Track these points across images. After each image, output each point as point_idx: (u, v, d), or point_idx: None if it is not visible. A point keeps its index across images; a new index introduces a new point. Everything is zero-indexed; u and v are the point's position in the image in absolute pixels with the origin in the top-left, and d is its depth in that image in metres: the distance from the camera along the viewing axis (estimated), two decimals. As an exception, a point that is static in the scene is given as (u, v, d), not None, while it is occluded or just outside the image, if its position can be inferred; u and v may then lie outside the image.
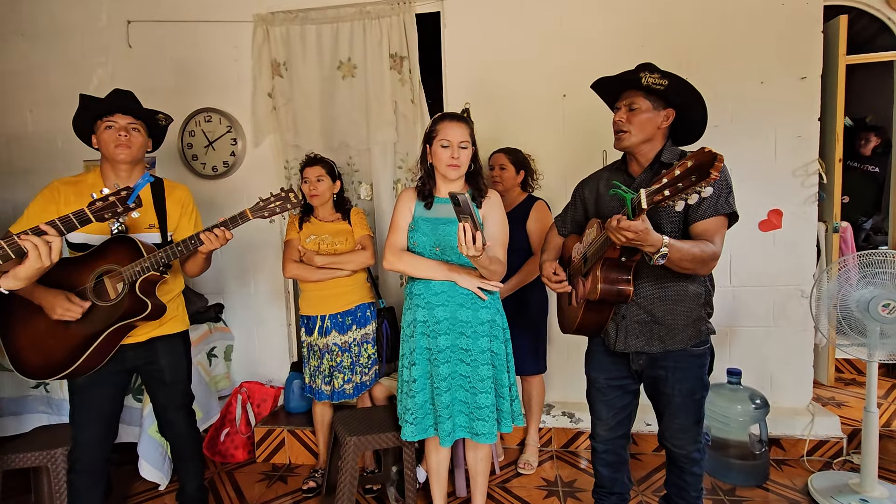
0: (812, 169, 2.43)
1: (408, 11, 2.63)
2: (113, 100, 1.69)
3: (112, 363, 1.67)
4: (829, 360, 2.80)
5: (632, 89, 1.49)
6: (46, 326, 1.57)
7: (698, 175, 1.09)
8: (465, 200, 1.42)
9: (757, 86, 2.42)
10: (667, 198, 1.14)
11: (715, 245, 1.38)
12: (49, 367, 1.58)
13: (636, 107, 1.48)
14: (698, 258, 1.35)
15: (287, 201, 1.64)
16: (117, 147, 1.65)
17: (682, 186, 1.11)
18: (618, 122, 1.52)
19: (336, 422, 2.08)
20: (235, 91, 2.86)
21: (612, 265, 1.43)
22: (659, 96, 1.46)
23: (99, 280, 1.60)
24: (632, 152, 1.54)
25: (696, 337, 1.52)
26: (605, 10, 2.52)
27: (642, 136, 1.48)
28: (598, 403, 1.68)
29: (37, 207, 1.64)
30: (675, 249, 1.29)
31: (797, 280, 2.47)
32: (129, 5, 2.91)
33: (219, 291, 2.96)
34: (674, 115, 1.49)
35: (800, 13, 2.38)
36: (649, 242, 1.26)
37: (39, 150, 3.07)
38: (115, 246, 1.60)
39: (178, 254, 1.60)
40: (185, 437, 1.90)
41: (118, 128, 1.66)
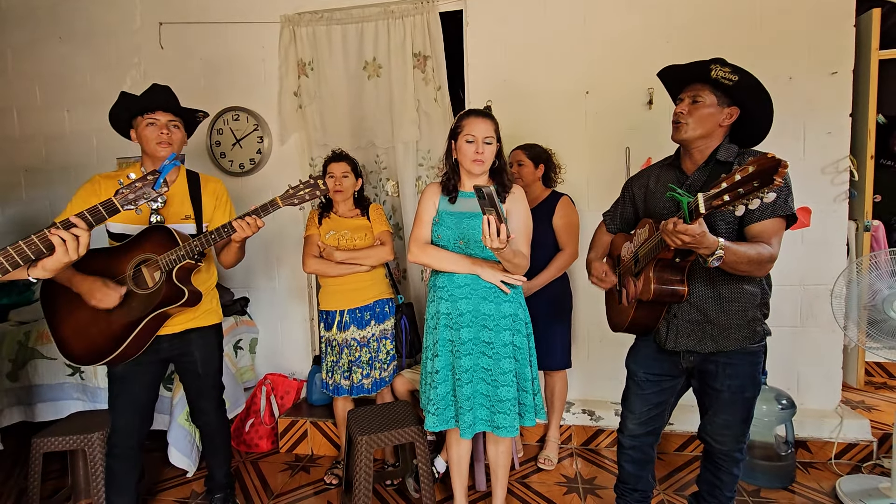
0: (842, 166, 2.37)
1: (431, 10, 2.66)
2: (153, 97, 1.75)
3: (149, 353, 1.74)
4: (859, 362, 2.74)
5: (698, 82, 1.46)
6: (89, 315, 1.64)
7: (761, 181, 1.07)
8: (489, 193, 1.44)
9: (786, 81, 2.38)
10: (726, 203, 1.13)
11: (772, 247, 1.36)
12: (92, 354, 1.66)
13: (700, 100, 1.45)
14: (755, 260, 1.33)
15: (316, 188, 1.67)
16: (159, 144, 1.72)
17: (744, 192, 1.10)
18: (678, 114, 1.48)
19: (349, 420, 2.12)
20: (262, 90, 2.93)
21: (666, 266, 1.42)
22: (725, 92, 1.43)
23: (137, 269, 1.67)
24: (687, 146, 1.51)
25: (751, 338, 1.49)
26: (630, 6, 2.50)
27: (701, 130, 1.45)
28: (633, 396, 1.67)
29: (79, 201, 1.72)
30: (730, 252, 1.28)
31: (826, 279, 2.41)
32: (160, 7, 3.01)
33: (245, 286, 3.03)
34: (738, 113, 1.45)
35: (830, 6, 2.33)
36: (705, 245, 1.24)
37: (75, 149, 3.19)
38: (152, 235, 1.67)
39: (211, 241, 1.65)
40: (214, 425, 1.97)
41: (160, 125, 1.72)
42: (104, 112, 3.09)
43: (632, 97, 2.53)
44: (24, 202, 3.29)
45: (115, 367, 1.76)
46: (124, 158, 3.15)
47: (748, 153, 1.46)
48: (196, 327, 1.85)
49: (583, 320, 2.63)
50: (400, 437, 1.98)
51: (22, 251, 1.21)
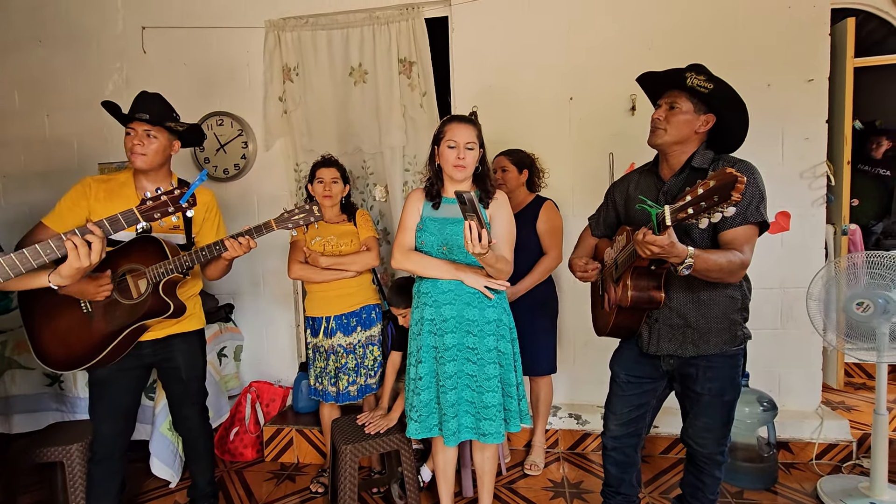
0: (820, 171, 2.42)
1: (417, 16, 2.67)
2: (133, 107, 1.73)
3: (131, 359, 1.72)
4: (839, 363, 2.79)
5: (676, 89, 1.49)
6: (69, 322, 1.62)
7: (720, 196, 1.10)
8: (470, 199, 1.45)
9: (764, 88, 2.43)
10: (690, 216, 1.16)
11: (743, 254, 1.38)
12: (71, 360, 1.64)
13: (677, 106, 1.47)
14: (725, 268, 1.36)
15: (311, 214, 1.66)
16: (132, 154, 1.70)
17: (706, 206, 1.13)
18: (655, 119, 1.51)
19: (333, 429, 2.10)
20: (247, 95, 2.91)
21: (642, 273, 1.45)
22: (702, 100, 1.46)
23: (122, 278, 1.64)
24: (664, 152, 1.54)
25: (731, 342, 1.51)
26: (612, 14, 2.54)
27: (677, 136, 1.48)
28: (615, 398, 1.69)
29: (68, 202, 1.70)
30: (700, 260, 1.30)
31: (805, 282, 2.43)
32: (144, 12, 2.98)
33: (229, 292, 3.00)
34: (713, 120, 1.48)
35: (806, 16, 2.39)
36: (674, 255, 1.27)
37: (56, 154, 3.14)
38: (139, 245, 1.65)
39: (202, 258, 1.64)
40: (197, 431, 1.95)
41: (134, 135, 1.70)
42: (86, 117, 3.09)
43: (615, 103, 2.56)
44: (2, 208, 3.23)
45: (98, 372, 1.73)
46: (106, 163, 3.11)
47: (723, 159, 1.49)
48: (179, 333, 1.83)
49: (569, 324, 2.65)
50: (384, 445, 1.97)
51: (37, 253, 1.24)
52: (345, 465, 1.94)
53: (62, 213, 1.67)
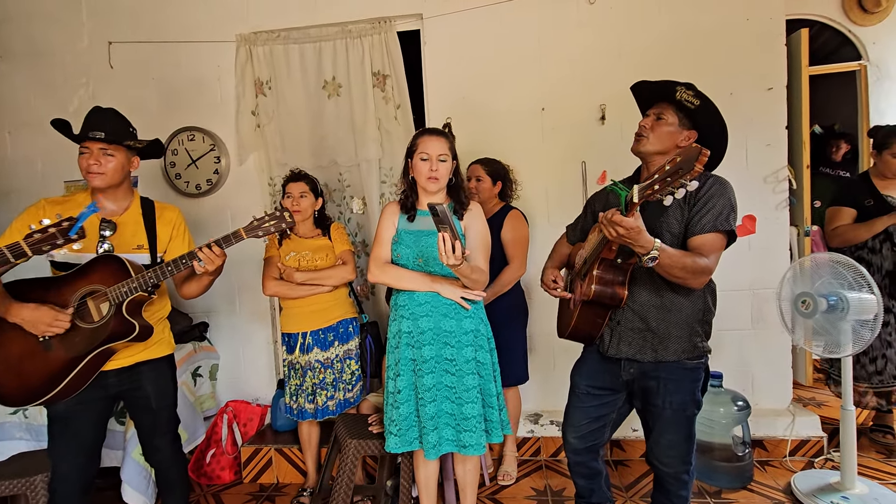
0: (782, 175, 2.52)
1: (389, 30, 2.69)
2: (86, 124, 1.66)
3: (95, 389, 1.63)
4: (807, 360, 2.87)
5: (665, 101, 1.54)
6: (22, 349, 1.53)
7: (684, 167, 1.13)
8: (443, 211, 1.46)
9: (727, 97, 2.51)
10: (655, 191, 1.19)
11: (709, 260, 1.42)
12: (25, 394, 1.54)
13: (663, 118, 1.52)
14: (689, 268, 1.39)
15: (282, 220, 1.61)
16: (89, 174, 1.64)
17: (670, 181, 1.16)
18: (641, 127, 1.56)
19: (338, 424, 2.06)
20: (219, 110, 2.87)
21: (608, 266, 1.46)
22: (687, 115, 1.51)
23: (82, 301, 1.57)
24: (645, 160, 1.59)
25: (690, 351, 1.53)
26: (582, 26, 2.60)
27: (659, 146, 1.52)
28: (573, 409, 1.70)
29: (19, 224, 1.63)
30: (665, 255, 1.34)
31: (772, 283, 2.52)
32: (110, 27, 2.92)
33: (204, 310, 2.93)
34: (695, 137, 1.53)
35: (764, 27, 2.49)
36: (640, 243, 1.30)
37: (18, 173, 3.05)
38: (101, 265, 1.58)
39: (167, 274, 1.58)
40: (170, 462, 1.84)
41: (89, 154, 1.64)
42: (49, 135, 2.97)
43: (586, 114, 2.62)
44: (-39, 230, 3.10)
45: (56, 406, 1.63)
46: (72, 181, 3.02)
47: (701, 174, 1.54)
48: (147, 360, 1.75)
49: (547, 331, 2.66)
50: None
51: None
52: (347, 458, 1.91)
53: (13, 237, 1.58)
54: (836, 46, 3.62)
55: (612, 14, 2.59)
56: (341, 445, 2.00)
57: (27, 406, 1.60)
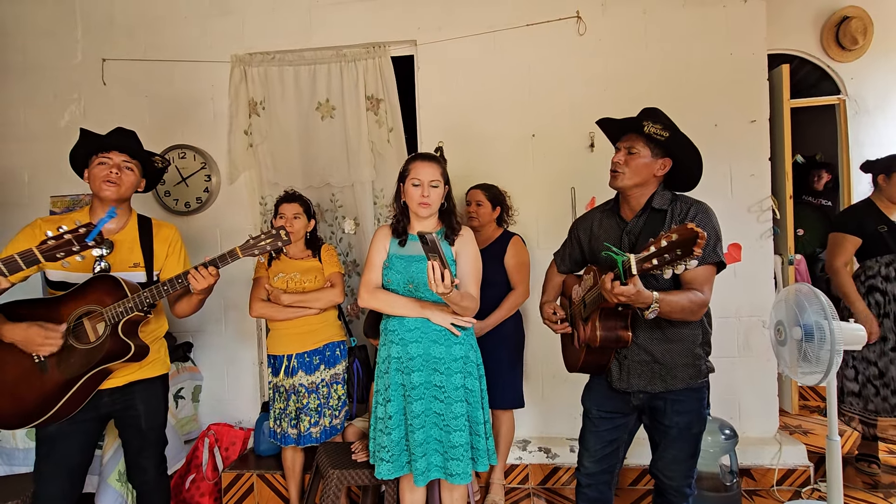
0: (766, 205, 2.57)
1: (383, 55, 2.73)
2: (112, 137, 1.68)
3: (87, 409, 1.60)
4: (793, 388, 2.90)
5: (634, 133, 1.55)
6: (17, 372, 1.51)
7: (683, 250, 1.17)
8: (432, 239, 1.46)
9: (711, 128, 2.58)
10: (655, 266, 1.22)
11: (703, 294, 1.45)
12: (19, 417, 1.51)
13: (635, 151, 1.53)
14: (687, 309, 1.43)
15: (278, 238, 1.61)
16: (104, 183, 1.63)
17: (669, 259, 1.19)
18: (615, 163, 1.57)
19: (320, 453, 2.02)
20: (210, 128, 2.88)
21: (610, 314, 1.49)
22: (658, 145, 1.53)
23: (78, 321, 1.55)
24: (624, 194, 1.60)
25: (697, 376, 1.56)
26: (571, 56, 2.67)
27: (637, 179, 1.54)
28: (588, 434, 1.70)
29: (16, 245, 1.60)
30: (665, 303, 1.37)
31: (758, 311, 2.57)
32: (104, 43, 2.93)
33: (188, 329, 2.88)
34: (671, 164, 1.55)
35: (747, 62, 2.58)
36: (640, 301, 1.33)
37: (5, 186, 3.00)
38: (97, 285, 1.56)
39: (163, 293, 1.56)
40: (153, 485, 1.80)
41: (111, 164, 1.64)
42: (38, 149, 2.99)
43: (575, 140, 2.66)
44: (-59, 243, 3.03)
45: (46, 428, 1.60)
46: (58, 196, 2.99)
47: (681, 200, 1.57)
48: (141, 379, 1.72)
49: (537, 358, 2.66)
50: (372, 476, 1.89)
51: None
52: (330, 490, 1.87)
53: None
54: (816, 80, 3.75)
55: (601, 45, 2.66)
56: (323, 475, 1.95)
57: (22, 428, 1.56)
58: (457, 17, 2.72)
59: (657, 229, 1.53)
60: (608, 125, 1.67)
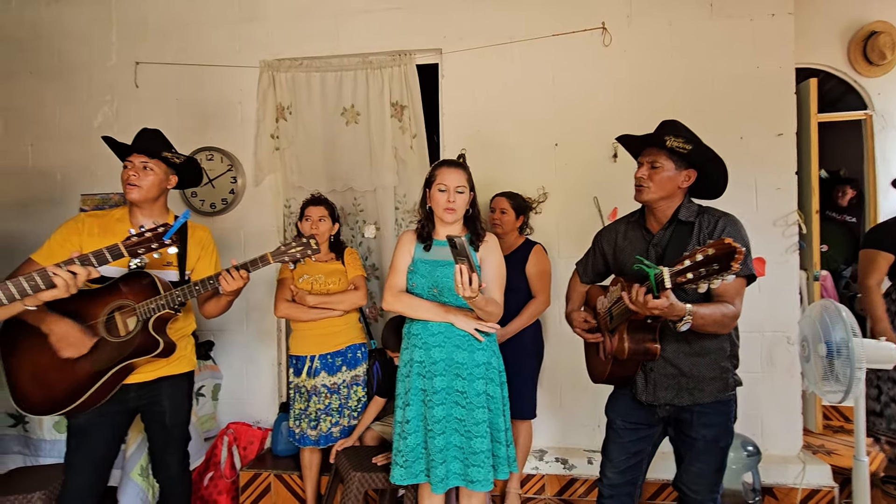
0: (792, 219, 2.54)
1: (409, 63, 2.77)
2: (134, 142, 1.74)
3: (115, 403, 1.65)
4: (817, 406, 2.84)
5: (655, 147, 1.55)
6: (50, 361, 1.55)
7: (720, 266, 1.15)
8: (461, 243, 1.48)
9: (737, 141, 2.57)
10: (690, 280, 1.20)
11: (735, 306, 1.44)
12: (49, 403, 1.56)
13: (658, 165, 1.52)
14: (720, 322, 1.41)
15: (308, 247, 1.64)
16: (126, 185, 1.69)
17: (705, 273, 1.17)
18: (639, 178, 1.56)
19: (339, 456, 2.04)
20: (238, 132, 2.94)
21: (638, 326, 1.48)
22: (681, 157, 1.52)
23: (111, 315, 1.60)
24: (650, 207, 1.59)
25: (724, 390, 1.54)
26: (596, 67, 2.68)
27: (662, 192, 1.53)
28: (612, 444, 1.68)
29: (59, 237, 1.66)
30: (697, 317, 1.35)
31: (782, 327, 2.53)
32: (138, 47, 3.02)
33: (210, 328, 2.92)
34: (695, 175, 1.54)
35: (774, 76, 2.56)
36: (673, 314, 1.32)
37: (38, 184, 3.09)
38: (132, 281, 1.61)
39: (195, 293, 1.61)
40: (176, 480, 1.85)
41: (131, 168, 1.70)
42: (70, 147, 3.08)
43: (598, 150, 2.66)
44: (-24, 237, 3.13)
45: (77, 418, 1.65)
46: (88, 195, 3.07)
47: (707, 212, 1.56)
48: (167, 375, 1.76)
49: (556, 367, 2.64)
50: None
51: (21, 286, 1.28)
52: (351, 492, 1.89)
53: (52, 249, 1.63)
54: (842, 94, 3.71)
55: (626, 56, 2.66)
56: (343, 478, 1.96)
57: (51, 416, 1.62)
58: (482, 26, 2.75)
59: (684, 241, 1.52)
60: (628, 141, 1.67)
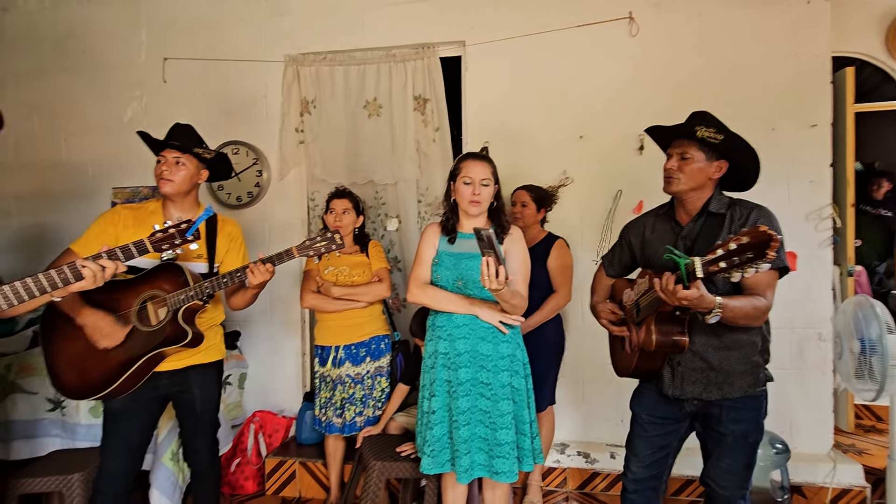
0: (825, 213, 2.47)
1: (432, 56, 2.76)
2: (167, 137, 1.79)
3: (148, 389, 1.71)
4: (849, 405, 2.76)
5: (685, 137, 1.52)
6: (85, 348, 1.61)
7: (755, 254, 1.12)
8: (488, 236, 1.47)
9: (769, 132, 2.50)
10: (723, 269, 1.17)
11: (766, 299, 1.40)
12: (85, 388, 1.63)
13: (688, 156, 1.49)
14: (751, 315, 1.38)
15: (332, 242, 1.67)
16: (159, 180, 1.74)
17: (739, 262, 1.14)
18: (668, 169, 1.54)
19: (363, 445, 2.08)
20: (263, 125, 2.98)
21: (667, 318, 1.45)
22: (712, 148, 1.49)
23: (143, 305, 1.65)
24: (680, 198, 1.56)
25: (755, 385, 1.51)
26: (621, 59, 2.63)
27: (692, 184, 1.50)
28: (637, 438, 1.67)
29: (97, 228, 1.73)
30: (728, 309, 1.32)
31: (814, 323, 2.47)
32: (166, 43, 3.08)
33: (237, 319, 2.98)
34: (727, 166, 1.51)
35: (809, 65, 2.48)
36: (703, 306, 1.29)
37: (71, 178, 3.19)
38: (163, 272, 1.66)
39: (222, 285, 1.66)
40: (207, 464, 1.92)
41: (163, 163, 1.75)
42: (102, 142, 3.16)
43: (624, 143, 2.62)
44: (13, 230, 3.25)
45: (112, 403, 1.72)
46: (119, 188, 3.15)
47: (739, 203, 1.53)
48: (197, 364, 1.82)
49: (577, 361, 2.63)
50: (414, 470, 1.93)
51: (52, 278, 1.31)
52: (372, 480, 1.92)
53: (89, 240, 1.69)
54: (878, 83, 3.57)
55: (654, 46, 2.61)
56: (366, 466, 1.99)
57: (86, 400, 1.69)
58: (506, 17, 2.73)
59: (715, 234, 1.49)
60: (657, 132, 1.64)
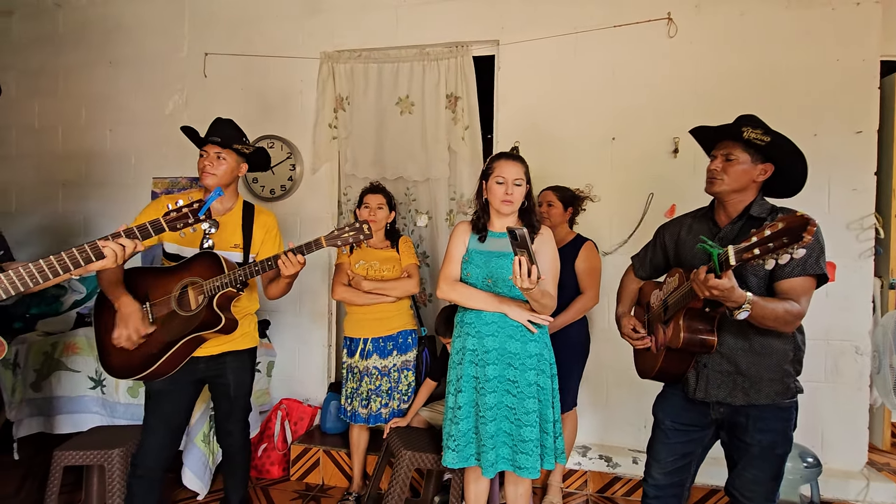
0: (868, 223, 2.39)
1: (465, 54, 2.78)
2: (209, 131, 1.86)
3: (186, 373, 1.79)
4: (885, 422, 2.67)
5: (730, 139, 1.50)
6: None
7: (790, 238, 1.10)
8: (522, 235, 1.48)
9: (810, 137, 2.42)
10: (756, 256, 1.16)
11: (800, 305, 1.37)
12: (128, 369, 1.72)
13: (733, 158, 1.48)
14: (781, 318, 1.35)
15: (360, 232, 1.71)
16: (202, 173, 1.82)
17: (773, 247, 1.12)
18: (712, 170, 1.52)
19: (391, 435, 2.12)
20: (298, 121, 3.04)
21: (696, 315, 1.43)
22: (758, 150, 1.47)
23: (183, 290, 1.73)
24: (721, 200, 1.55)
25: (784, 394, 1.48)
26: (659, 59, 2.59)
27: (736, 185, 1.49)
28: (659, 444, 1.65)
29: (144, 217, 1.80)
30: (758, 307, 1.30)
31: (851, 336, 2.39)
32: (208, 39, 3.17)
33: (266, 308, 3.07)
34: (772, 169, 1.48)
35: (856, 69, 2.40)
36: (732, 299, 1.28)
37: (114, 167, 3.32)
38: (201, 260, 1.74)
39: (255, 273, 1.71)
40: (238, 447, 2.00)
41: (206, 157, 1.82)
42: (144, 133, 3.28)
43: (658, 145, 2.59)
44: (59, 215, 3.41)
45: (153, 384, 1.81)
46: (159, 178, 3.27)
47: (782, 211, 1.49)
48: (232, 350, 1.89)
49: (601, 364, 2.61)
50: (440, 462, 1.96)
51: (74, 257, 1.35)
52: (400, 469, 1.96)
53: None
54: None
55: (692, 48, 2.56)
56: (395, 454, 2.03)
57: (129, 378, 1.77)
58: (541, 17, 2.72)
59: None
60: (702, 133, 1.62)
